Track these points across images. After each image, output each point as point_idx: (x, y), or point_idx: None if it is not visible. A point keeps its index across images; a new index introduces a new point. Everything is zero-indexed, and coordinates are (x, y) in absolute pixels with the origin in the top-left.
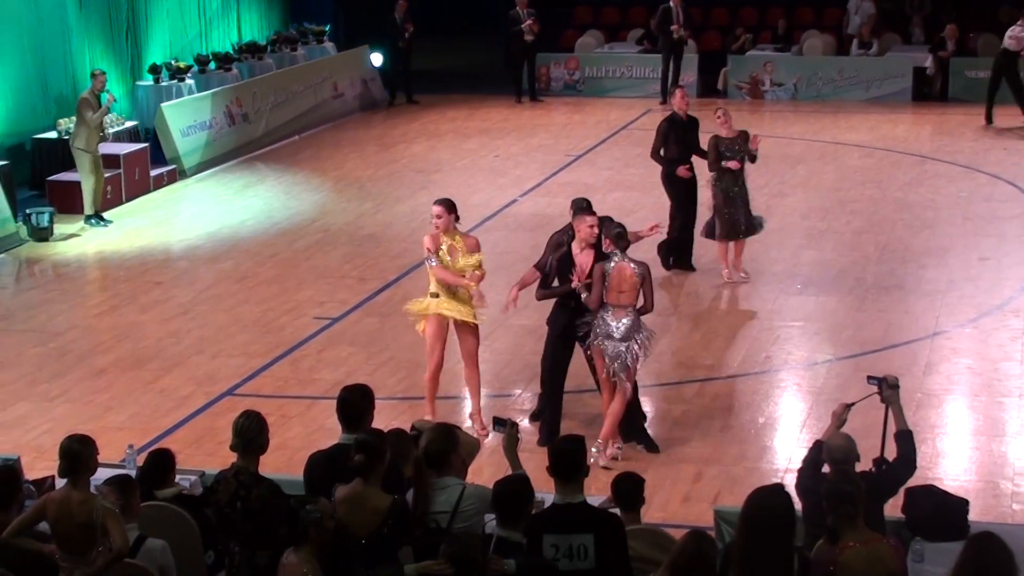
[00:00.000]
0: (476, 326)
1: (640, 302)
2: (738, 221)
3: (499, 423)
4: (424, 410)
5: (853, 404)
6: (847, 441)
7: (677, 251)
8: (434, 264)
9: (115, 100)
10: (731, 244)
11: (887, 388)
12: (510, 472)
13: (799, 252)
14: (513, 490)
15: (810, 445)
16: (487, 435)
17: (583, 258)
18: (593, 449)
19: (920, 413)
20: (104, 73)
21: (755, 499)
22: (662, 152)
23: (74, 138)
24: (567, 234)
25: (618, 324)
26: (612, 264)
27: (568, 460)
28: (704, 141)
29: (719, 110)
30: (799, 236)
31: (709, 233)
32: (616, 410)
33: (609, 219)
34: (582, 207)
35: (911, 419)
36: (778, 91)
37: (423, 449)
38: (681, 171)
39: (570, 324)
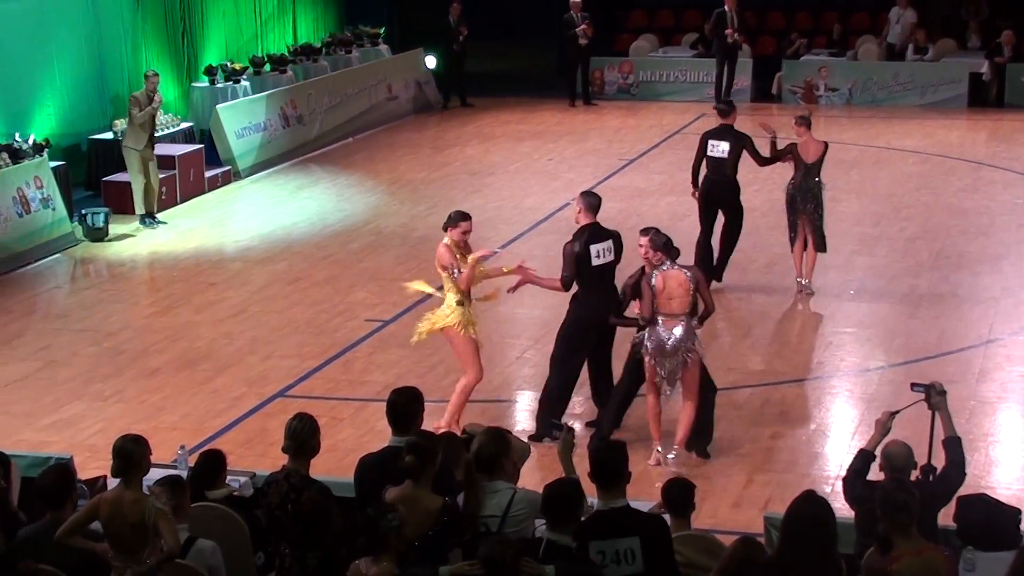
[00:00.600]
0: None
1: (700, 307)
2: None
3: (555, 428)
4: (454, 419)
5: (898, 412)
6: (906, 449)
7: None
8: (461, 273)
9: (162, 101)
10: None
11: (935, 394)
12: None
13: (852, 258)
14: (562, 493)
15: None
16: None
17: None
18: (671, 455)
19: (973, 421)
20: (157, 75)
21: (792, 507)
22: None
23: (124, 137)
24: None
25: (670, 335)
26: (657, 274)
27: (609, 466)
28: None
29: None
30: (852, 242)
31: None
32: (689, 417)
33: (656, 230)
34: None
35: (963, 427)
36: (833, 96)
37: (474, 453)
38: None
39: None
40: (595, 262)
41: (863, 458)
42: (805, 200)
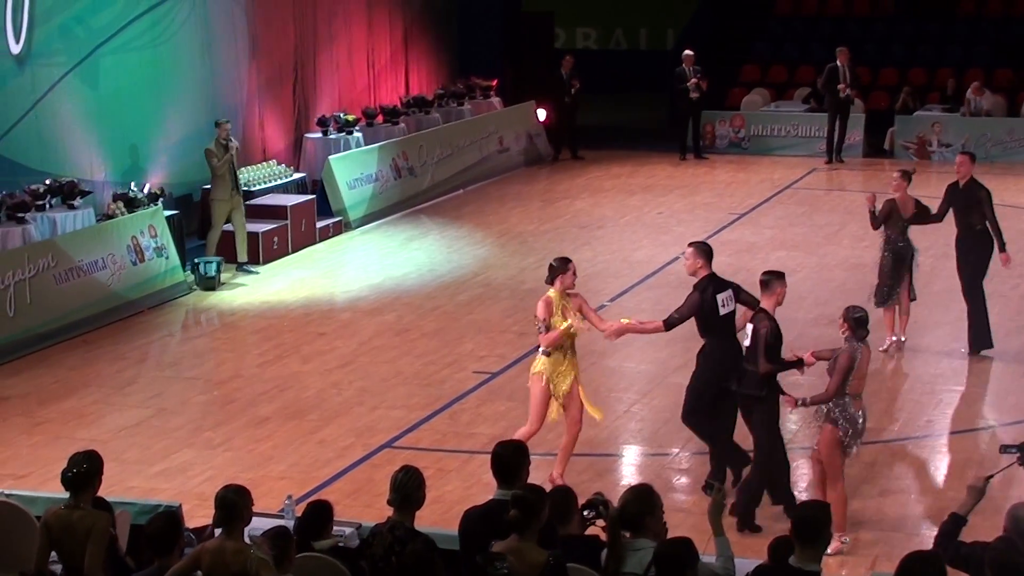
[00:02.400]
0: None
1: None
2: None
3: (707, 487)
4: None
5: (992, 476)
6: None
7: None
8: (547, 331)
9: (238, 147)
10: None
11: None
12: (711, 535)
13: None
14: (675, 552)
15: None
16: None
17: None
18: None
19: None
20: (228, 122)
21: (907, 563)
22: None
23: (212, 190)
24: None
25: (860, 415)
26: (861, 348)
27: (811, 525)
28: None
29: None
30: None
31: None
32: (839, 498)
33: (854, 307)
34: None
35: None
36: (945, 152)
37: (619, 509)
38: None
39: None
40: (721, 311)
41: (954, 521)
42: (914, 256)
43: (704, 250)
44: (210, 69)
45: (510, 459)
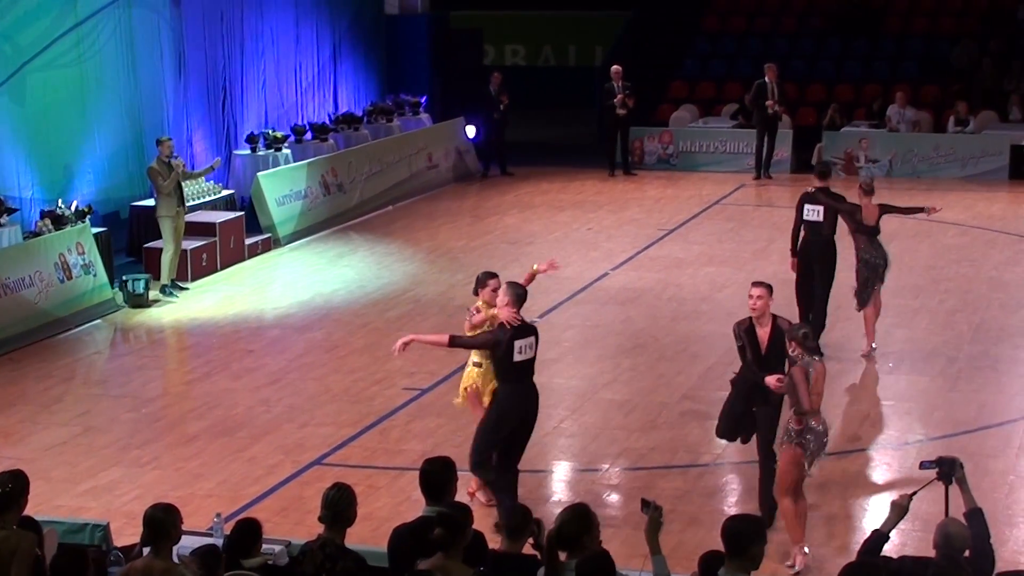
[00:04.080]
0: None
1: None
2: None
3: (644, 505)
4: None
5: (915, 493)
6: (965, 529)
7: None
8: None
9: (183, 164)
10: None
11: (959, 468)
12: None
13: (891, 330)
14: (595, 568)
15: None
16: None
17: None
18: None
19: (1013, 496)
20: (170, 139)
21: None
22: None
23: (157, 207)
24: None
25: (823, 430)
26: (815, 363)
27: (739, 539)
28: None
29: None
30: (891, 314)
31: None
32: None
33: (796, 325)
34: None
35: (1004, 502)
36: (873, 167)
37: (556, 529)
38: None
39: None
40: (516, 358)
41: (877, 539)
42: (886, 266)
43: (515, 292)
44: (135, 86)
45: (437, 476)
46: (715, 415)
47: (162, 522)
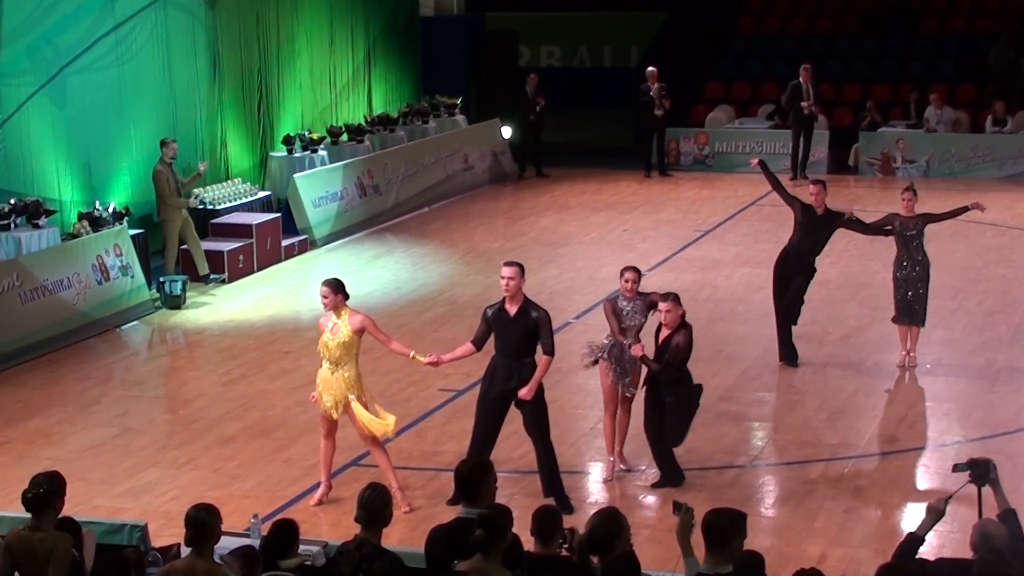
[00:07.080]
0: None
1: None
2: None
3: (676, 507)
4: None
5: (951, 496)
6: (1002, 529)
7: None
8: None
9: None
10: (908, 329)
11: (993, 470)
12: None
13: (929, 331)
14: (624, 567)
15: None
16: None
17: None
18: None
19: None
20: (174, 141)
21: None
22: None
23: (158, 211)
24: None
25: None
26: None
27: (719, 533)
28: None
29: (905, 190)
30: (929, 315)
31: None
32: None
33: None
34: None
35: None
36: (910, 168)
37: (588, 534)
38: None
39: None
40: None
41: (912, 542)
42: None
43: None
44: (171, 89)
45: (468, 476)
46: (752, 417)
47: (205, 522)
